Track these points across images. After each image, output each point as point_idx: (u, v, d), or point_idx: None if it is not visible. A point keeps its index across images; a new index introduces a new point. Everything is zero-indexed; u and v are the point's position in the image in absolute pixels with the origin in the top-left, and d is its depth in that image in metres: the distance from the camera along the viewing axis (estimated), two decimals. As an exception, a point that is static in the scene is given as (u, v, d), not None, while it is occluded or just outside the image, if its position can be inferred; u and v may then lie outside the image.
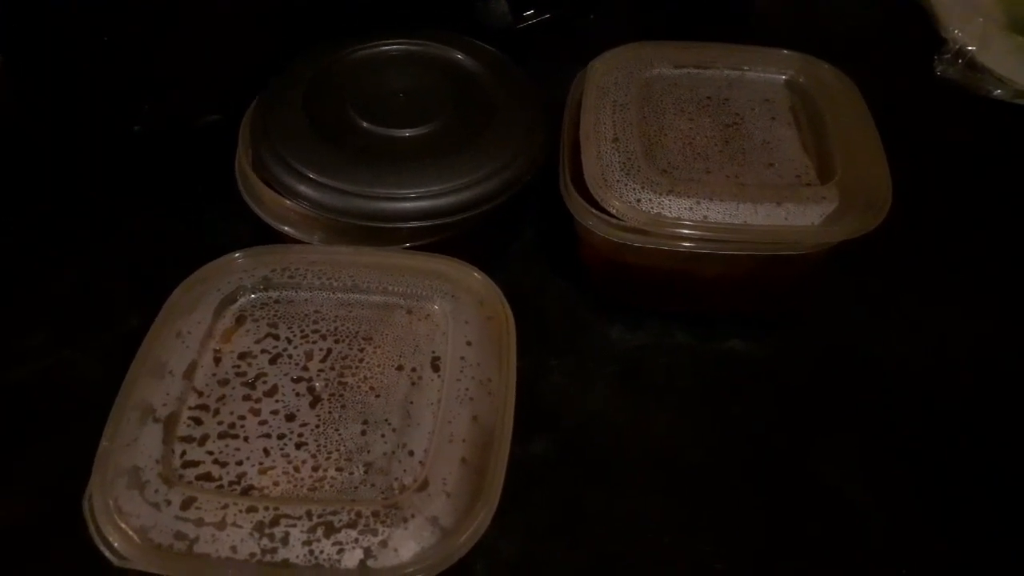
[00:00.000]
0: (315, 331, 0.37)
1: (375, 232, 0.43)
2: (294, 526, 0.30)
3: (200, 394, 0.35)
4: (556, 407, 0.43)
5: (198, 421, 0.34)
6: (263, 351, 0.36)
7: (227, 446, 0.33)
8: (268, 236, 0.44)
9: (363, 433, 0.34)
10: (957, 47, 0.61)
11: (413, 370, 0.36)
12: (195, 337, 0.36)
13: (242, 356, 0.36)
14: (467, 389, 0.35)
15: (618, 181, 0.42)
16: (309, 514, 0.30)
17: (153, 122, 0.51)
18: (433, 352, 0.36)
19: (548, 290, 0.48)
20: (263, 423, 0.34)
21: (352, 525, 0.30)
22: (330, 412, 0.34)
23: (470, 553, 0.36)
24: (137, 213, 0.50)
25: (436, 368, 0.36)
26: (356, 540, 0.30)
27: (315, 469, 0.32)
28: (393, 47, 0.49)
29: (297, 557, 0.30)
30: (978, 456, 0.42)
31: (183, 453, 0.33)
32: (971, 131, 0.58)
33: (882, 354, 0.46)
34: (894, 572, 0.38)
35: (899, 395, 0.44)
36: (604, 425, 0.43)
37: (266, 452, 0.33)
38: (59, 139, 0.51)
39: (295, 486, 0.32)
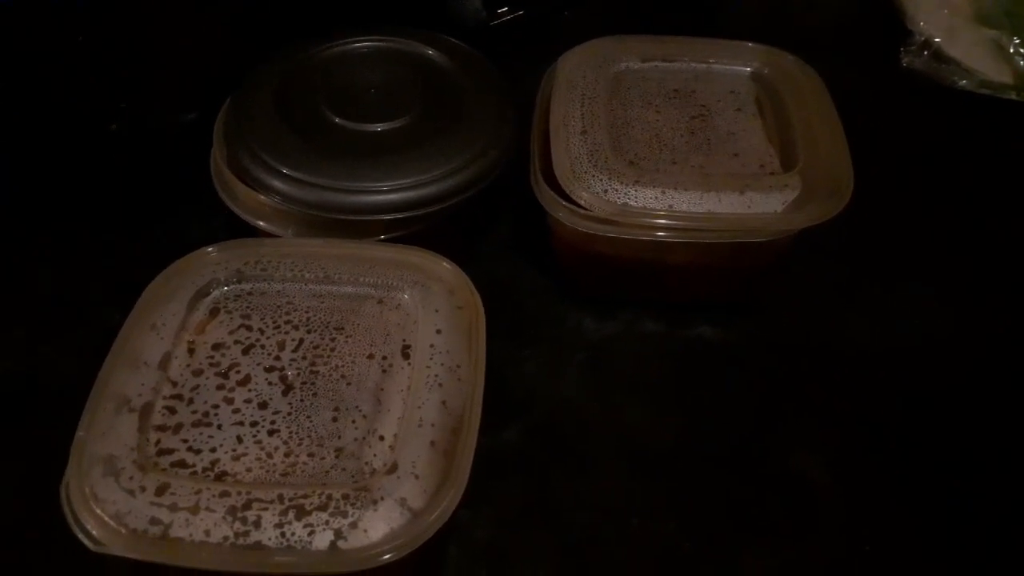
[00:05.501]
0: (287, 322, 0.38)
1: (348, 226, 0.43)
2: (266, 510, 0.31)
3: (175, 384, 0.35)
4: (528, 396, 0.44)
5: (172, 410, 0.34)
6: (236, 342, 0.37)
7: (201, 434, 0.34)
8: (243, 231, 0.45)
9: (334, 419, 0.34)
10: (923, 39, 0.62)
11: (384, 358, 0.36)
12: (169, 329, 0.37)
13: (216, 347, 0.37)
14: (436, 375, 0.35)
15: (586, 172, 0.43)
16: (281, 498, 0.31)
17: (130, 121, 0.52)
18: (403, 340, 0.37)
19: (522, 281, 0.49)
20: (236, 411, 0.34)
21: (323, 508, 0.31)
22: (302, 400, 0.35)
23: (444, 537, 0.37)
24: (115, 211, 0.51)
25: (406, 356, 0.37)
26: (327, 522, 0.31)
27: (287, 455, 0.33)
28: (365, 44, 0.50)
29: (269, 539, 0.30)
30: (939, 439, 0.43)
31: (158, 441, 0.33)
32: (937, 121, 0.59)
33: (845, 339, 0.47)
34: (857, 549, 0.39)
35: (862, 379, 0.45)
36: (575, 412, 0.44)
37: (239, 439, 0.34)
38: (36, 138, 0.52)
39: (267, 472, 0.33)
